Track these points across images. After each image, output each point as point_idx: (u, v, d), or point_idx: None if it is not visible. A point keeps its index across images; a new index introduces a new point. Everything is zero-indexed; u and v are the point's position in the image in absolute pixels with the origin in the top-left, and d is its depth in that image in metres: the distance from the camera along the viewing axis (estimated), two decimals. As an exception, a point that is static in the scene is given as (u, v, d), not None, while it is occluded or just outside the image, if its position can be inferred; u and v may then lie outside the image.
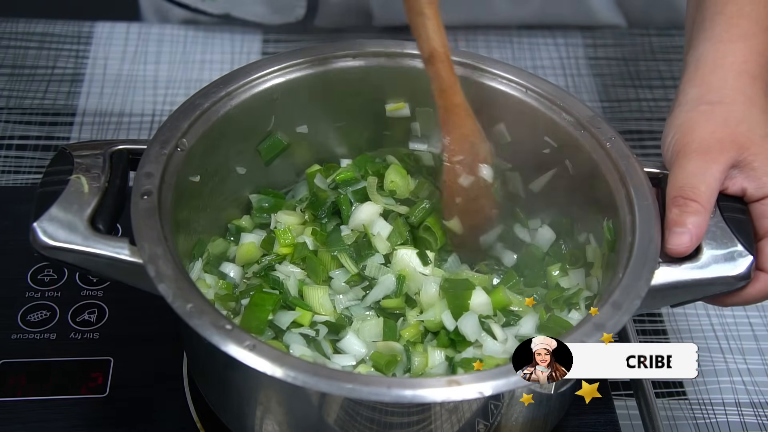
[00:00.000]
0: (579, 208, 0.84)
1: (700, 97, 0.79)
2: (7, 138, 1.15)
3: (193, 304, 0.65)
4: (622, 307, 0.67)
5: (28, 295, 0.92)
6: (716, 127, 0.76)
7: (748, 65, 0.79)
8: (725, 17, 0.81)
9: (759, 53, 0.80)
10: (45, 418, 0.82)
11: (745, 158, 0.75)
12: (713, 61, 0.80)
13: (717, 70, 0.80)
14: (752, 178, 0.75)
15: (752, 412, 0.94)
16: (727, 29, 0.81)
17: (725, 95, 0.78)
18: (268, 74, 0.82)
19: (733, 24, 0.81)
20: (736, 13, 0.81)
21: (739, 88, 0.78)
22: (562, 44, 1.35)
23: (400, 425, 0.68)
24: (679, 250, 0.72)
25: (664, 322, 1.02)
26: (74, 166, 0.73)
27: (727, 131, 0.76)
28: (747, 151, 0.75)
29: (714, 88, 0.79)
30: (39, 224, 0.69)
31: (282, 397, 0.70)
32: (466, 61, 0.85)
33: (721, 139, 0.75)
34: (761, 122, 0.77)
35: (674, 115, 0.79)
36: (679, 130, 0.78)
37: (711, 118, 0.77)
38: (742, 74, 0.79)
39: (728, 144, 0.75)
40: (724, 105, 0.78)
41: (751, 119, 0.77)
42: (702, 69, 0.80)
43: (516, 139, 0.87)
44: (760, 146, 0.76)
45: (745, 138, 0.76)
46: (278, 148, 0.88)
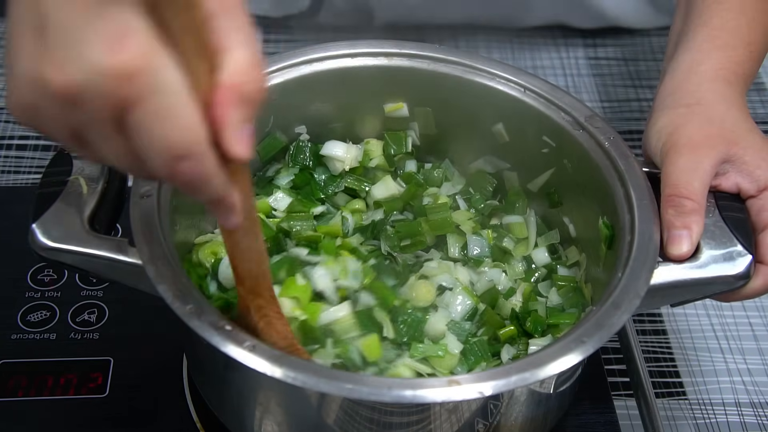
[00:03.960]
0: (578, 207, 0.84)
1: (677, 101, 0.79)
2: (7, 138, 1.15)
3: (193, 304, 0.64)
4: (622, 306, 0.67)
5: (28, 295, 0.92)
6: (701, 124, 0.77)
7: (723, 72, 0.80)
8: (708, 29, 0.82)
9: (736, 63, 0.81)
10: (45, 418, 0.82)
11: (735, 152, 0.75)
12: (688, 68, 0.81)
13: (691, 76, 0.80)
14: (745, 172, 0.75)
15: (752, 412, 0.94)
16: (708, 40, 0.82)
17: (701, 97, 0.79)
18: (266, 74, 0.82)
19: (714, 36, 0.82)
20: (720, 26, 0.82)
21: (714, 90, 0.79)
22: (562, 44, 1.35)
23: (399, 425, 0.68)
24: (680, 254, 0.72)
25: (664, 322, 1.02)
26: (73, 167, 0.73)
27: (713, 128, 0.76)
28: (736, 146, 0.75)
29: (689, 92, 0.79)
30: (38, 225, 0.69)
31: (281, 398, 0.70)
32: (464, 61, 0.85)
33: (709, 135, 0.76)
34: (742, 118, 0.78)
35: (653, 120, 0.80)
36: (664, 131, 0.78)
37: (693, 118, 0.77)
38: (717, 79, 0.80)
39: (716, 139, 0.75)
40: (702, 105, 0.78)
41: (732, 116, 0.78)
42: (678, 75, 0.81)
43: (514, 138, 0.87)
44: (748, 140, 0.76)
45: (731, 133, 0.76)
46: (276, 148, 0.88)
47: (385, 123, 0.90)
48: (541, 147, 0.84)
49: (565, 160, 0.83)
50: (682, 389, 0.96)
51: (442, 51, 0.86)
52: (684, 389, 0.96)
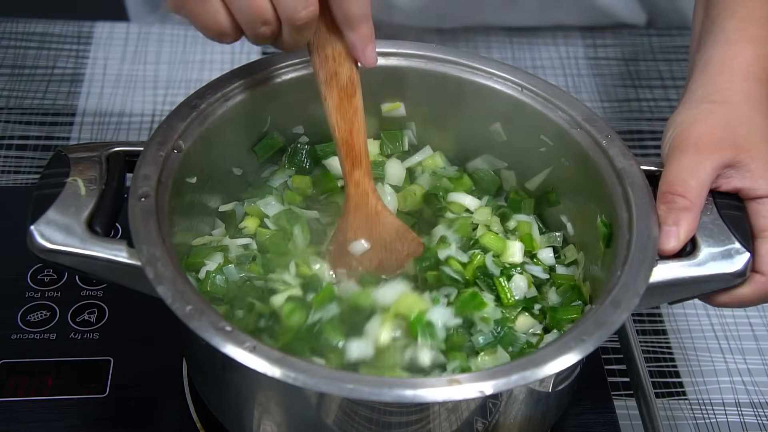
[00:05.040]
0: (576, 206, 0.84)
1: (705, 96, 0.79)
2: (7, 138, 1.16)
3: (193, 305, 0.64)
4: (621, 305, 0.67)
5: (28, 295, 0.92)
6: (716, 125, 0.76)
7: (755, 68, 0.80)
8: (735, 20, 0.82)
9: (766, 58, 0.80)
10: (45, 418, 0.82)
11: (742, 159, 0.75)
12: (722, 63, 0.80)
13: (725, 71, 0.80)
14: (748, 179, 0.75)
15: (752, 412, 0.94)
16: (737, 32, 0.81)
17: (730, 96, 0.78)
18: (264, 75, 0.82)
19: (743, 28, 0.81)
20: (747, 16, 0.82)
21: (745, 90, 0.79)
22: (562, 44, 1.35)
23: (399, 425, 0.68)
24: (666, 250, 0.72)
25: (664, 322, 1.02)
26: (71, 169, 0.73)
27: (727, 131, 0.76)
28: (744, 153, 0.75)
29: (720, 89, 0.79)
30: (36, 227, 0.69)
31: (281, 398, 0.70)
32: (461, 61, 0.85)
33: (720, 138, 0.75)
34: (762, 126, 0.78)
35: (677, 112, 0.80)
36: (680, 126, 0.78)
37: (712, 117, 0.77)
38: (749, 77, 0.79)
39: (726, 143, 0.75)
40: (728, 105, 0.78)
41: (752, 122, 0.77)
42: (710, 69, 0.80)
43: (512, 137, 0.87)
44: (759, 149, 0.76)
45: (744, 140, 0.76)
46: (273, 149, 0.88)
47: (382, 122, 0.90)
48: (539, 146, 0.84)
49: (563, 159, 0.83)
50: (682, 389, 0.96)
51: (439, 50, 0.86)
52: (684, 389, 0.96)
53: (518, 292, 0.81)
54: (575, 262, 0.85)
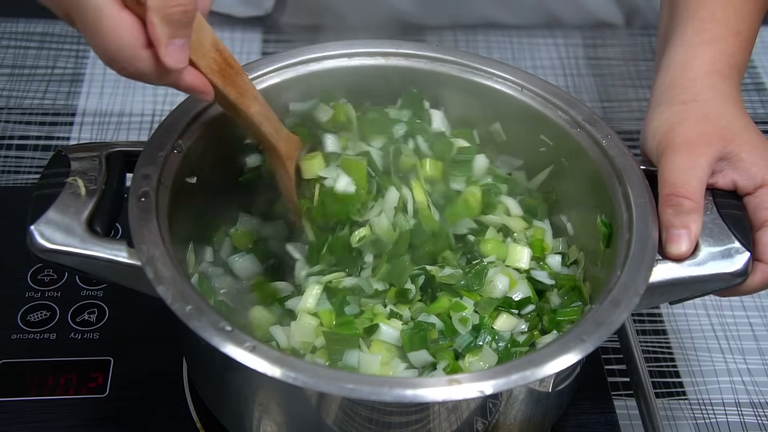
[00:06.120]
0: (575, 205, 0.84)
1: (673, 98, 0.79)
2: (7, 138, 1.16)
3: (193, 305, 0.65)
4: (621, 304, 0.67)
5: (28, 295, 0.92)
6: (696, 122, 0.77)
7: (717, 65, 0.80)
8: (697, 22, 0.82)
9: (728, 55, 0.81)
10: (45, 418, 0.82)
11: (731, 150, 0.75)
12: (683, 64, 0.81)
13: (686, 71, 0.80)
14: (741, 169, 0.75)
15: (752, 412, 0.94)
16: (698, 33, 0.82)
17: (697, 93, 0.79)
18: (263, 74, 0.82)
19: (704, 29, 0.82)
20: (708, 18, 0.82)
21: (709, 85, 0.79)
22: (562, 44, 1.35)
23: (399, 425, 0.68)
24: (679, 254, 0.72)
25: (664, 322, 1.02)
26: (71, 169, 0.73)
27: (708, 125, 0.76)
28: (732, 143, 0.75)
29: (685, 89, 0.79)
30: (36, 227, 0.69)
31: (281, 398, 0.70)
32: (461, 61, 0.85)
33: (705, 133, 0.76)
34: (738, 114, 0.78)
35: (649, 118, 0.80)
36: (659, 130, 0.78)
37: (689, 116, 0.77)
38: (711, 74, 0.80)
39: (712, 137, 0.75)
40: (699, 102, 0.78)
41: (728, 112, 0.78)
42: (672, 72, 0.81)
43: (512, 137, 0.87)
44: (743, 137, 0.76)
45: (727, 130, 0.76)
46: None
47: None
48: (539, 146, 0.84)
49: (563, 158, 0.83)
50: (682, 389, 0.96)
51: (439, 50, 0.86)
52: (684, 389, 0.96)
53: (497, 291, 0.81)
54: (576, 262, 0.85)
